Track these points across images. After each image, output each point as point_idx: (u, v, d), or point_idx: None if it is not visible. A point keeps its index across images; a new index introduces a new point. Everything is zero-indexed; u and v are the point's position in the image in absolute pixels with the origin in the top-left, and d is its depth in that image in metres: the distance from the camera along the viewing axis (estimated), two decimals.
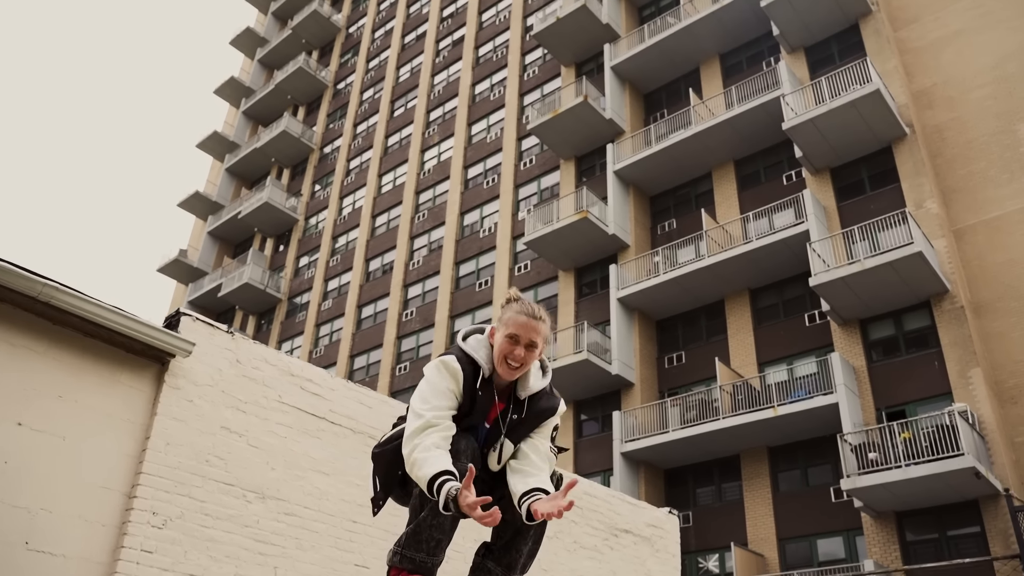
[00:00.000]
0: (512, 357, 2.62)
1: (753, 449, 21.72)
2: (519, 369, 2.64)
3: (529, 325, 2.64)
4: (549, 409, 2.76)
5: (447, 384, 2.63)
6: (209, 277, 41.96)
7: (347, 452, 5.97)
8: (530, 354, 2.64)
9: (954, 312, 19.68)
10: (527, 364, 2.65)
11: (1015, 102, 22.31)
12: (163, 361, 5.06)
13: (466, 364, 2.66)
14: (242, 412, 5.38)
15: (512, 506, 2.62)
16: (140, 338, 4.80)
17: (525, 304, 2.71)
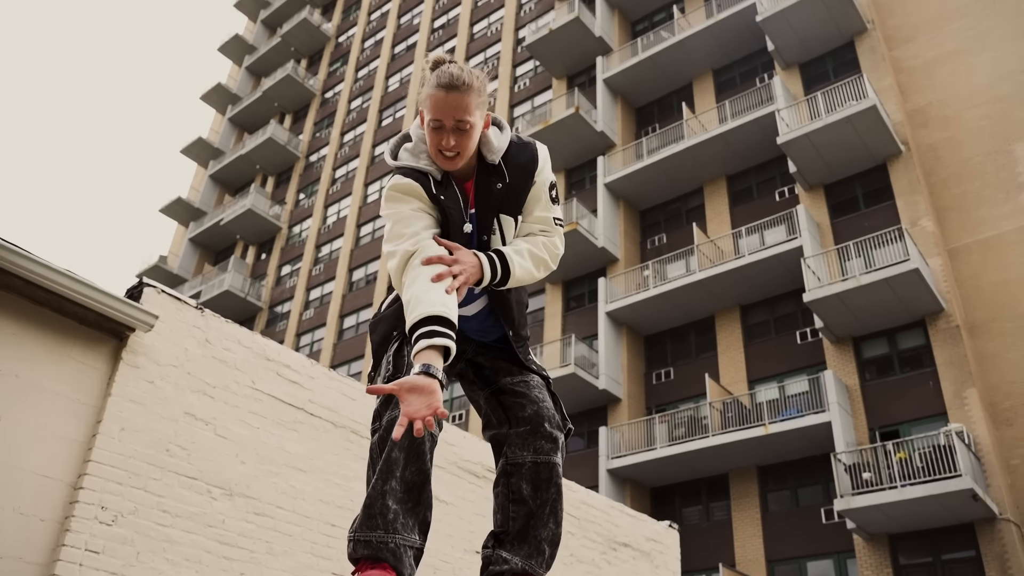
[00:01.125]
0: (444, 148, 2.12)
1: (742, 468, 21.21)
2: (458, 158, 2.14)
3: (448, 101, 2.07)
4: (530, 159, 2.25)
5: (410, 205, 2.16)
6: (189, 284, 41.16)
7: (327, 447, 5.39)
8: (464, 137, 2.11)
9: (949, 331, 19.32)
10: (465, 148, 2.13)
11: (1010, 122, 22.11)
12: (121, 336, 4.48)
13: (413, 175, 2.18)
14: (210, 397, 4.80)
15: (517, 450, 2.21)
16: (95, 308, 4.23)
17: (443, 72, 2.12)
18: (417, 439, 2.00)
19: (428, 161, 2.20)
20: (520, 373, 2.31)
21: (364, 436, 5.63)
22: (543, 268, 2.27)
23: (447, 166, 2.16)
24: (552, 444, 2.19)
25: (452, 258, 2.09)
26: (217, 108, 49.40)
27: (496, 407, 2.28)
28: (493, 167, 2.22)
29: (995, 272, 20.60)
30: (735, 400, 21.13)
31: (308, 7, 47.03)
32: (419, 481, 2.03)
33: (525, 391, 2.25)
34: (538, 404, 2.22)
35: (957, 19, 24.32)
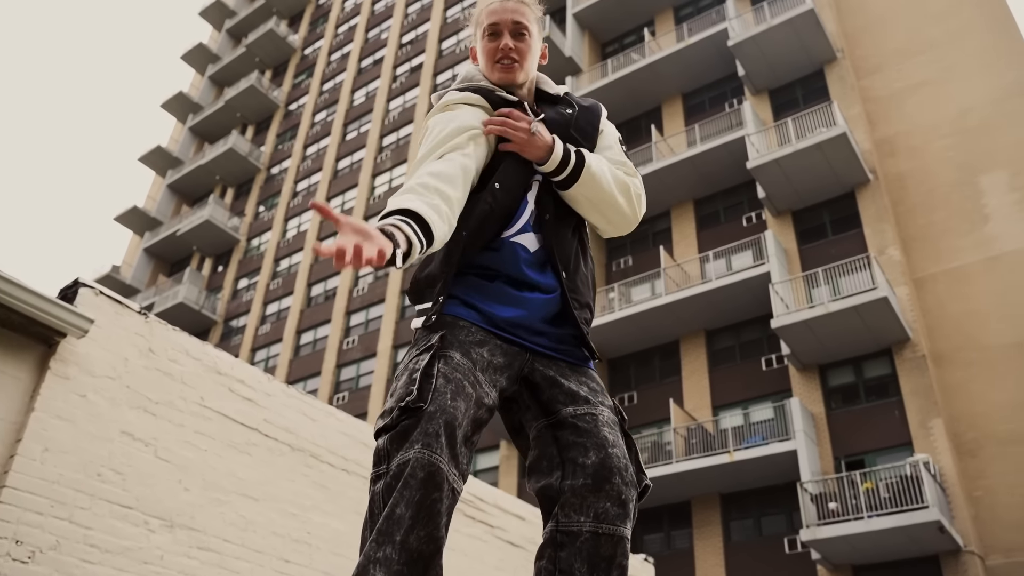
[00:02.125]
0: (502, 52, 1.94)
1: (705, 495, 20.86)
2: (517, 65, 1.94)
3: (506, 6, 1.97)
4: (593, 107, 2.06)
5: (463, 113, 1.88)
6: (142, 295, 39.99)
7: (282, 473, 4.85)
8: (523, 44, 1.95)
9: (915, 361, 19.24)
10: (524, 57, 1.95)
11: (976, 155, 22.27)
12: (50, 342, 3.92)
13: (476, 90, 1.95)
14: (151, 415, 4.25)
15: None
16: (19, 308, 3.68)
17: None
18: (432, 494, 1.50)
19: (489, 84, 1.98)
20: (586, 402, 1.77)
21: (324, 461, 5.11)
22: (625, 196, 1.94)
23: (507, 76, 1.95)
24: (621, 509, 1.65)
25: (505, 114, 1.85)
26: (178, 116, 48.41)
27: (550, 445, 1.76)
28: (559, 97, 2.03)
29: (960, 302, 20.62)
30: (699, 426, 20.82)
31: (275, 18, 46.39)
32: (427, 551, 1.50)
33: (591, 427, 1.72)
34: (606, 449, 1.68)
35: (925, 51, 24.53)
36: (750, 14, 25.94)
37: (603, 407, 1.78)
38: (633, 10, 30.05)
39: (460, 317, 1.77)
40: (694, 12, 29.19)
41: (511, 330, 1.79)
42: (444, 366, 1.64)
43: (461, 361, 1.67)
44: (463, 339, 1.72)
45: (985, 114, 22.67)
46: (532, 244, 1.86)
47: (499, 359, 1.75)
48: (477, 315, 1.78)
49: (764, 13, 25.04)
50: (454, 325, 1.75)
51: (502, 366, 1.75)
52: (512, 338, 1.79)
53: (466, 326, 1.76)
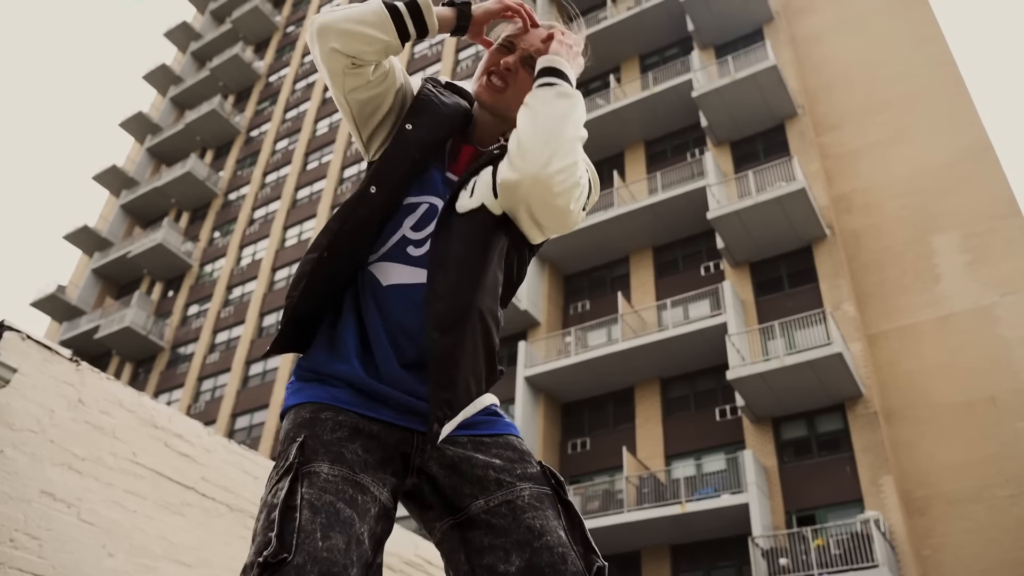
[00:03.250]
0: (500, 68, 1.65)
1: (655, 546, 20.62)
2: (502, 92, 1.63)
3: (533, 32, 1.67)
4: None
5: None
6: (87, 317, 38.90)
7: (219, 536, 4.52)
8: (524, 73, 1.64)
9: (868, 417, 19.33)
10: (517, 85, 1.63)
11: (928, 215, 22.70)
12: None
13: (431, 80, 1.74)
14: (76, 472, 3.91)
15: None
16: None
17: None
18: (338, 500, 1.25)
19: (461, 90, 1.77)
20: (499, 486, 1.39)
21: None
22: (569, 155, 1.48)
23: (485, 95, 1.65)
24: None
25: None
26: (136, 136, 47.61)
27: (458, 551, 1.40)
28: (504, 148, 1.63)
29: (911, 360, 20.83)
30: (652, 475, 20.64)
31: (241, 43, 46.08)
32: None
33: (509, 522, 1.35)
34: (532, 545, 1.31)
35: (881, 112, 25.06)
36: (714, 67, 26.33)
37: (523, 485, 1.40)
38: (599, 56, 30.33)
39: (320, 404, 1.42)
40: (659, 61, 29.58)
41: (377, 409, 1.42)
42: (308, 489, 1.27)
43: (330, 473, 1.31)
44: (328, 439, 1.36)
45: (938, 176, 23.16)
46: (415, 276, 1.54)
47: (376, 454, 1.39)
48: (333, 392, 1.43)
49: (728, 67, 25.43)
50: (315, 421, 1.39)
51: (383, 460, 1.40)
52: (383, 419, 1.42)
53: (330, 417, 1.40)
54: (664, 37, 29.68)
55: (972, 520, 18.17)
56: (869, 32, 26.99)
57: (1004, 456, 18.57)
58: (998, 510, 18.02)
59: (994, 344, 20.07)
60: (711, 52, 28.22)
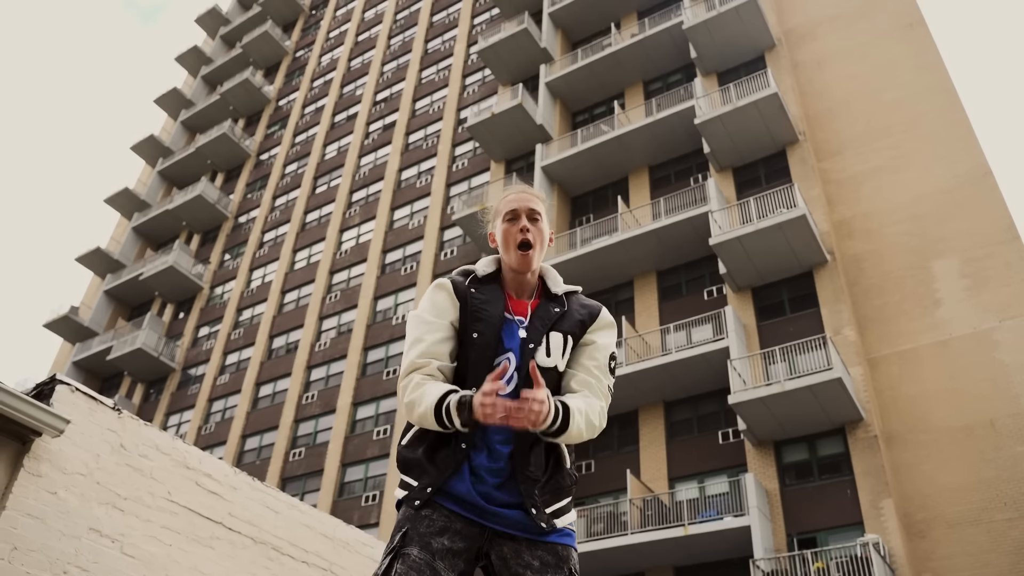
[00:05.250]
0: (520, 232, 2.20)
1: (659, 568, 20.88)
2: (533, 250, 2.20)
3: (523, 198, 2.28)
4: (590, 313, 2.25)
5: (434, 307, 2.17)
6: (99, 338, 39.44)
7: (244, 566, 4.93)
8: (537, 229, 2.23)
9: (868, 441, 19.62)
10: (538, 241, 2.23)
11: (929, 240, 23.04)
12: (24, 440, 4.01)
13: (460, 276, 2.26)
14: (119, 511, 4.33)
15: None
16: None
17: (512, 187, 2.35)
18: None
19: (485, 264, 2.26)
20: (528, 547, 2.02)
21: (285, 553, 5.19)
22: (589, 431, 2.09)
23: (524, 263, 2.18)
24: None
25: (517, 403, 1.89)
26: (148, 160, 48.38)
27: None
28: (554, 296, 2.25)
29: (912, 384, 21.12)
30: (655, 498, 20.93)
31: (251, 68, 46.85)
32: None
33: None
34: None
35: (882, 138, 25.47)
36: (717, 94, 26.81)
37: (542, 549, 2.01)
38: (604, 81, 30.89)
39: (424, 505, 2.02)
40: (663, 88, 30.09)
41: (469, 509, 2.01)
42: (401, 566, 1.90)
43: (418, 557, 1.92)
44: (423, 531, 1.97)
45: (938, 201, 23.52)
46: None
47: (458, 544, 1.97)
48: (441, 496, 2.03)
49: (730, 94, 25.90)
50: (416, 517, 2.00)
51: (461, 550, 1.97)
52: (471, 517, 2.00)
53: (427, 515, 1.99)
54: (667, 64, 30.21)
55: (972, 543, 18.41)
56: (869, 59, 27.45)
57: (1004, 480, 18.82)
58: (997, 533, 18.26)
59: (994, 368, 20.36)
60: (714, 78, 28.72)
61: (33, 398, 4.00)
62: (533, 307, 2.20)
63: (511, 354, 2.10)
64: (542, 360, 2.11)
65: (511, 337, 2.13)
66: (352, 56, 44.66)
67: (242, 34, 52.12)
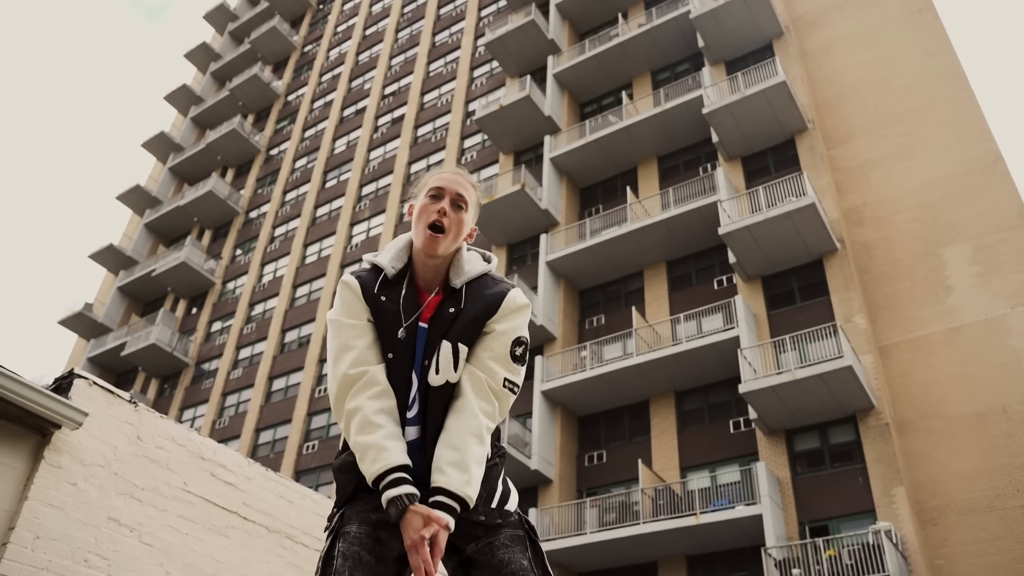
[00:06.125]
0: (437, 214, 2.04)
1: (671, 557, 20.97)
2: (442, 236, 2.03)
3: (454, 179, 2.10)
4: (492, 300, 2.06)
5: (349, 310, 2.05)
6: (113, 334, 39.76)
7: (259, 554, 5.04)
8: (458, 216, 2.06)
9: (879, 429, 19.62)
10: (455, 229, 2.05)
11: (939, 228, 22.96)
12: (44, 432, 4.12)
13: (366, 274, 2.11)
14: (137, 501, 4.44)
15: None
16: (16, 401, 3.88)
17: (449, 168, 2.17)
18: None
19: (393, 256, 2.11)
20: (486, 530, 2.01)
21: (299, 542, 5.30)
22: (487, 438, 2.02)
23: (431, 246, 2.03)
24: None
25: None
26: (158, 156, 48.63)
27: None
28: (453, 290, 2.08)
29: (923, 372, 21.10)
30: (667, 487, 21.00)
31: (259, 63, 46.99)
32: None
33: (488, 557, 1.96)
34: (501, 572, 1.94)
35: (891, 125, 25.38)
36: (725, 83, 26.76)
37: (502, 530, 2.02)
38: (612, 73, 30.86)
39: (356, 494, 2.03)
40: (671, 78, 30.04)
41: None
42: (343, 544, 1.91)
43: (358, 532, 1.93)
44: (360, 508, 1.98)
45: (948, 188, 23.43)
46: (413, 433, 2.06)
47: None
48: None
49: (739, 83, 25.85)
50: (354, 498, 2.02)
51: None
52: None
53: (363, 498, 2.00)
54: (675, 54, 30.16)
55: (984, 530, 18.41)
56: (879, 45, 27.33)
57: (1016, 466, 18.80)
58: (1010, 520, 18.25)
59: (1005, 355, 20.31)
60: (722, 68, 28.66)
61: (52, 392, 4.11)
62: (434, 306, 2.07)
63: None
64: (431, 379, 2.02)
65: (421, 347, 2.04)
66: (360, 50, 44.73)
67: (250, 30, 52.27)
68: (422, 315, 2.06)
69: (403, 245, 2.13)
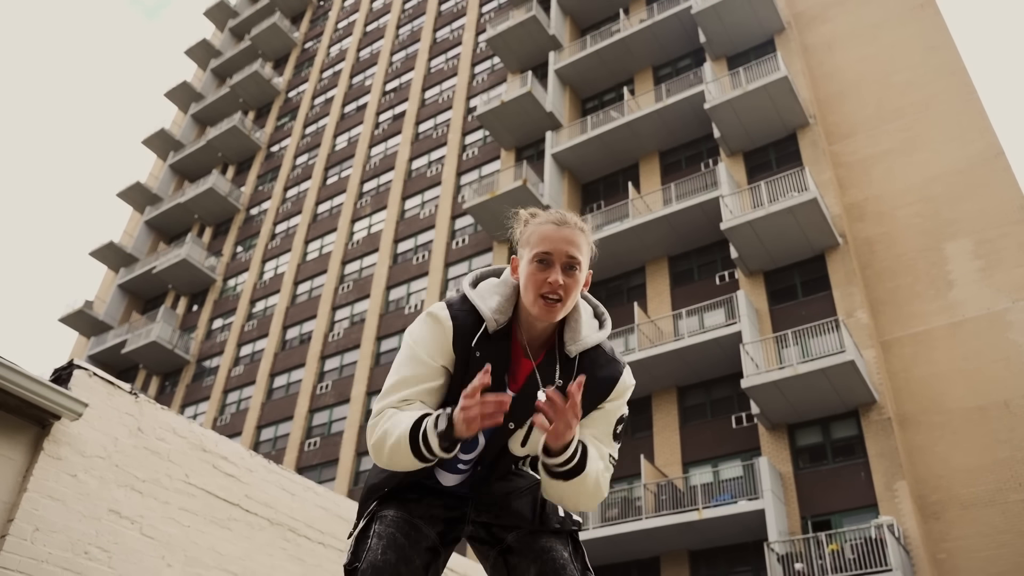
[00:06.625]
0: (549, 287, 1.81)
1: (674, 552, 20.95)
2: (561, 304, 1.82)
3: (563, 236, 1.84)
4: (610, 378, 1.90)
5: (428, 346, 1.87)
6: (114, 332, 39.74)
7: (261, 547, 5.01)
8: (572, 279, 1.83)
9: (881, 423, 19.60)
10: (570, 295, 1.83)
11: (941, 222, 22.92)
12: (44, 423, 4.09)
13: (464, 315, 1.89)
14: (138, 493, 4.41)
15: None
16: (15, 392, 3.85)
17: (552, 212, 1.92)
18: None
19: (498, 306, 1.90)
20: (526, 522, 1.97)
21: (302, 534, 5.28)
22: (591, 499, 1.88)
23: (546, 315, 1.82)
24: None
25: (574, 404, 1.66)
26: (159, 153, 48.57)
27: (502, 571, 1.97)
28: (567, 358, 1.89)
29: (925, 366, 21.07)
30: (669, 482, 20.98)
31: (260, 60, 46.91)
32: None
33: (529, 544, 1.93)
34: (542, 557, 1.90)
35: (893, 120, 25.33)
36: (727, 78, 26.71)
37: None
38: (613, 68, 30.80)
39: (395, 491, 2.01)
40: (672, 73, 29.99)
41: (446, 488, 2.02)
42: (379, 525, 1.89)
43: (395, 515, 1.91)
44: (401, 497, 1.97)
45: (950, 182, 23.39)
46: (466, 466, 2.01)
47: (437, 509, 1.97)
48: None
49: (740, 78, 25.79)
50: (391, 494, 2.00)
51: (440, 509, 1.98)
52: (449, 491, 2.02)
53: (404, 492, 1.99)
54: (677, 49, 30.10)
55: (986, 524, 18.40)
56: (880, 41, 27.27)
57: (1018, 460, 18.78)
58: (1012, 514, 18.24)
59: (1007, 349, 20.28)
60: (723, 63, 28.60)
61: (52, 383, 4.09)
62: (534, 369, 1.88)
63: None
64: (514, 447, 1.91)
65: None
66: (361, 46, 44.67)
67: (251, 26, 52.19)
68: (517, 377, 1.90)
69: (510, 293, 1.91)
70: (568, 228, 1.87)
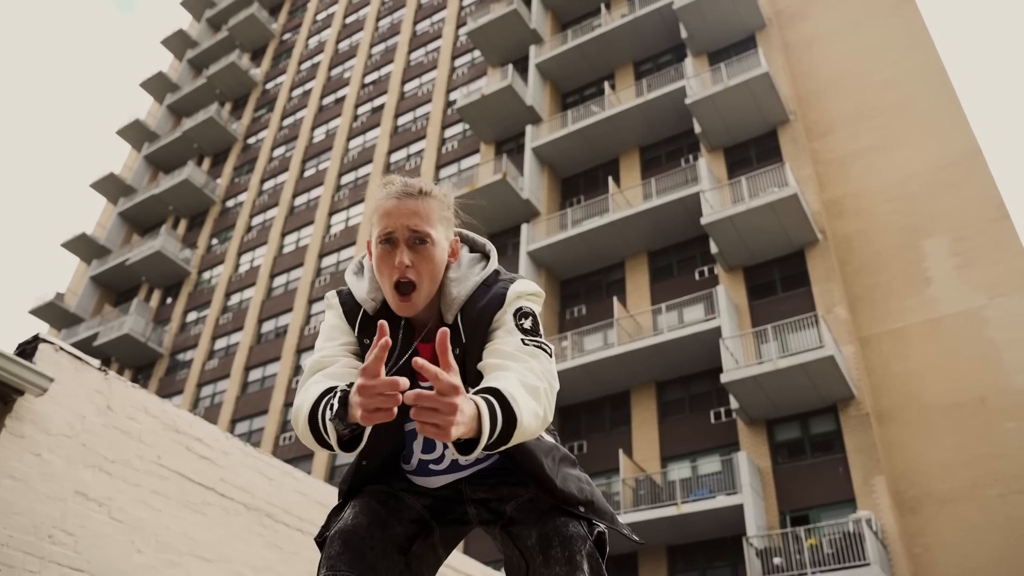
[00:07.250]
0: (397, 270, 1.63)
1: (652, 547, 20.88)
2: (416, 291, 1.64)
3: (404, 208, 1.64)
4: (497, 296, 1.68)
5: (330, 321, 1.78)
6: (86, 324, 39.10)
7: (237, 533, 4.80)
8: (422, 256, 1.63)
9: (859, 419, 19.64)
10: (424, 275, 1.64)
11: (919, 219, 23.02)
12: (6, 399, 3.86)
13: (350, 298, 1.78)
14: (107, 474, 4.19)
15: None
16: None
17: (397, 182, 1.71)
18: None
19: (370, 288, 1.75)
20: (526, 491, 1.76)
21: (279, 520, 5.08)
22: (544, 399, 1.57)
23: (403, 310, 1.66)
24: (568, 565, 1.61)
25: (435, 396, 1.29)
26: (133, 144, 47.85)
27: (509, 544, 1.76)
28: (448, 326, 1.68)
29: (902, 362, 21.15)
30: (648, 477, 20.92)
31: (237, 51, 46.36)
32: None
33: (528, 513, 1.71)
34: (541, 523, 1.68)
35: (872, 117, 25.42)
36: (708, 74, 26.67)
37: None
38: (595, 63, 30.69)
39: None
40: (654, 68, 29.92)
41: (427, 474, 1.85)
42: (355, 499, 1.77)
43: (374, 488, 1.79)
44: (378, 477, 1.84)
45: (927, 180, 23.50)
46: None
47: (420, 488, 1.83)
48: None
49: (721, 74, 25.77)
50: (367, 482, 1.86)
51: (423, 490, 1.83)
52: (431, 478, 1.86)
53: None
54: (658, 44, 30.04)
55: (963, 519, 18.48)
56: (860, 39, 27.36)
57: (994, 456, 18.89)
58: (988, 509, 18.33)
59: (984, 346, 20.40)
60: (704, 59, 28.57)
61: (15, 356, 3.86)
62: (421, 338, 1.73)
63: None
64: None
65: None
66: (339, 38, 44.26)
67: (228, 17, 51.56)
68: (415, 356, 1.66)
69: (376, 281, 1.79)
70: (411, 198, 1.68)
